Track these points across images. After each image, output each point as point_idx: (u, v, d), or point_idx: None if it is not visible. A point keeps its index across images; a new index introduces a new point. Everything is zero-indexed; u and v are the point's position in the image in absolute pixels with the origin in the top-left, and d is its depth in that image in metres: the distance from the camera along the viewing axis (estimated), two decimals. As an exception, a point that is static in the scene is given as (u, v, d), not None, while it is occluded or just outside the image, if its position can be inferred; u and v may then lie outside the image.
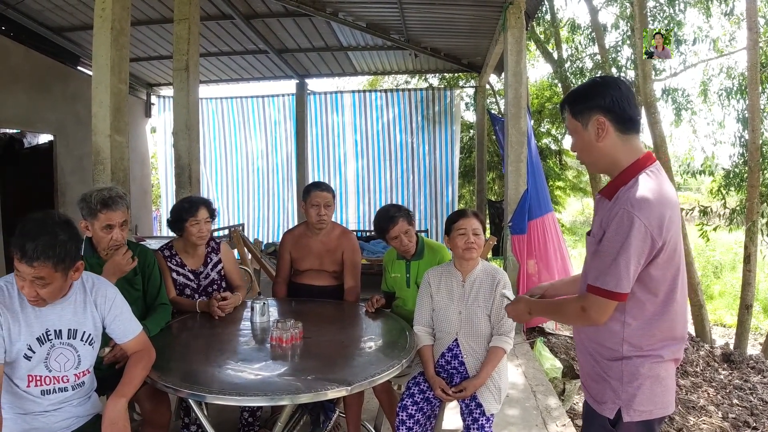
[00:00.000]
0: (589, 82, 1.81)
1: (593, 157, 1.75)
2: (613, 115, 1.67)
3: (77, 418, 2.04)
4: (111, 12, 4.01)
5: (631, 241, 1.55)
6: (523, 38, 5.61)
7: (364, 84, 16.12)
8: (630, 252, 1.55)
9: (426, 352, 2.65)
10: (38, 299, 1.87)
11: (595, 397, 1.77)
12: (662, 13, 8.96)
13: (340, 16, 7.37)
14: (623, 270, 1.56)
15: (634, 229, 1.54)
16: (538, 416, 3.58)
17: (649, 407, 1.68)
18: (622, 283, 1.57)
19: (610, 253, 1.59)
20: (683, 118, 9.52)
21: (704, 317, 7.65)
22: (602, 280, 1.60)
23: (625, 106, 1.67)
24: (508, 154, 5.61)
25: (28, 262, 1.78)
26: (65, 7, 7.05)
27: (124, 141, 4.20)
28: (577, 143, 1.77)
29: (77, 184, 8.24)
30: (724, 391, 5.52)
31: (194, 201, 3.14)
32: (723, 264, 12.49)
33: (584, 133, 1.72)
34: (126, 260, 2.58)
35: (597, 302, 1.62)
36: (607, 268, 1.59)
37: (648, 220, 1.55)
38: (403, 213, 3.11)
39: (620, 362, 1.69)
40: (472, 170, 11.84)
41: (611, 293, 1.59)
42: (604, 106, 1.67)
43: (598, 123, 1.68)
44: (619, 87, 1.68)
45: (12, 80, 7.16)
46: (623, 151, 1.69)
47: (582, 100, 1.73)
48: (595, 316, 1.64)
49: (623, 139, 1.69)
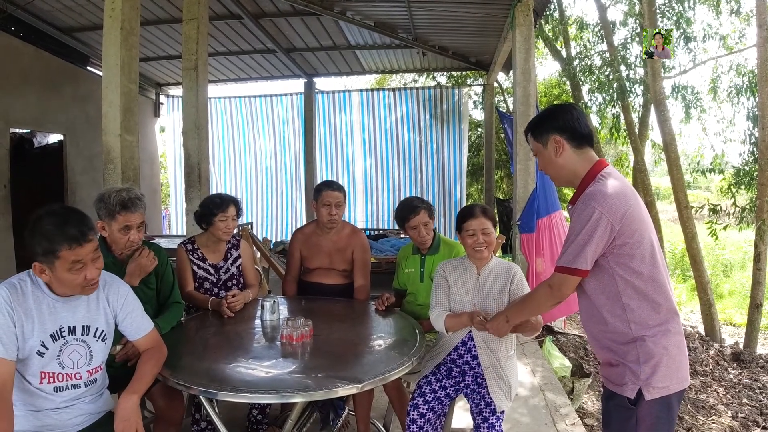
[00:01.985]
0: (546, 110, 2.12)
1: (555, 170, 2.03)
2: (567, 134, 1.96)
3: (89, 415, 2.06)
4: (121, 12, 4.04)
5: (590, 225, 1.80)
6: (531, 36, 5.60)
7: (372, 83, 16.12)
8: (587, 235, 1.80)
9: (449, 315, 2.59)
10: (98, 277, 1.97)
11: (615, 381, 1.90)
12: (671, 10, 8.89)
13: (348, 15, 7.39)
14: (580, 250, 1.82)
15: (593, 216, 1.79)
16: (547, 415, 3.58)
17: (666, 383, 1.82)
18: (579, 260, 1.83)
19: (570, 238, 1.87)
20: (693, 115, 9.44)
21: (714, 316, 7.60)
22: (563, 259, 1.88)
23: (576, 126, 1.96)
24: (517, 152, 5.60)
25: (85, 240, 1.85)
26: (74, 7, 7.11)
27: (134, 140, 4.24)
28: (541, 161, 2.07)
29: (87, 184, 8.31)
30: (733, 391, 5.49)
31: (225, 198, 3.21)
32: (733, 263, 12.41)
33: (545, 151, 2.02)
34: (149, 260, 2.61)
35: (560, 278, 1.91)
36: (568, 249, 1.86)
37: (604, 208, 1.79)
38: (426, 205, 3.17)
39: (634, 344, 1.84)
40: (480, 169, 11.83)
41: (571, 269, 1.86)
42: (559, 127, 1.97)
43: (555, 141, 1.98)
44: (570, 111, 1.99)
45: (22, 81, 7.22)
46: (579, 162, 1.97)
47: (540, 124, 2.04)
48: (559, 292, 1.93)
49: (578, 153, 1.97)
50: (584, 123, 1.98)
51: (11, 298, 1.87)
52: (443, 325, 2.59)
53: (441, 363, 2.66)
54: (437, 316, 2.63)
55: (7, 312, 1.85)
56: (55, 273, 1.86)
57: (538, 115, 2.11)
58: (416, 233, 3.14)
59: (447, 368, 2.64)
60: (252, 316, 3.00)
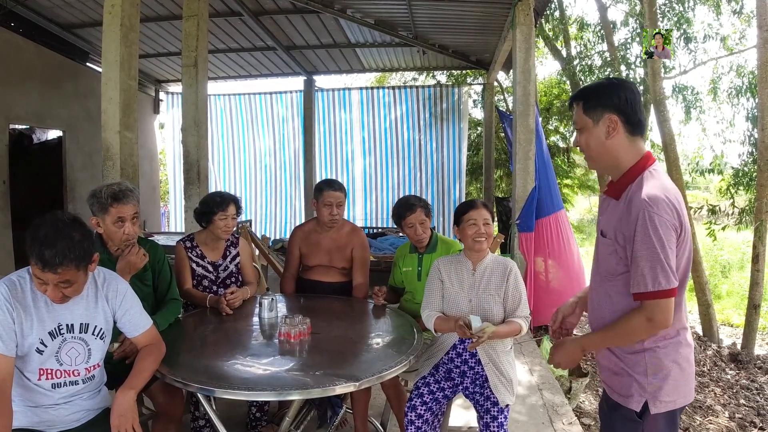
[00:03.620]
0: (605, 81, 1.84)
1: (598, 152, 1.79)
2: (624, 116, 1.72)
3: (87, 411, 2.07)
4: (120, 9, 4.04)
5: (663, 237, 1.60)
6: (532, 35, 5.60)
7: (372, 81, 16.11)
8: (666, 248, 1.60)
9: (440, 317, 2.59)
10: (64, 299, 1.91)
11: (619, 391, 1.79)
12: (672, 11, 8.90)
13: (348, 13, 7.39)
14: (667, 266, 1.60)
15: (661, 226, 1.60)
16: (545, 414, 3.59)
17: (674, 397, 1.72)
18: (671, 278, 1.61)
19: (648, 256, 1.61)
20: (692, 116, 9.47)
21: (712, 317, 7.61)
22: (656, 282, 1.61)
23: (637, 109, 1.73)
24: (516, 152, 5.60)
25: (52, 269, 1.79)
26: (75, 3, 7.10)
27: (133, 137, 4.23)
28: (583, 138, 1.81)
29: (86, 180, 8.30)
30: (731, 391, 5.51)
31: (225, 196, 3.21)
32: (731, 263, 12.40)
33: (594, 129, 1.76)
34: (139, 257, 2.60)
35: (659, 306, 1.63)
36: (655, 270, 1.61)
37: (667, 214, 1.61)
38: (423, 204, 3.20)
39: (642, 354, 1.72)
40: (479, 167, 11.82)
41: (668, 291, 1.62)
42: (618, 105, 1.72)
43: (610, 121, 1.73)
44: (632, 89, 1.75)
45: (23, 77, 7.22)
46: (628, 151, 1.75)
47: (596, 97, 1.76)
48: (662, 320, 1.64)
49: (630, 140, 1.75)
50: (642, 108, 1.77)
51: (10, 295, 1.88)
52: (433, 326, 2.60)
53: (439, 363, 2.64)
54: (428, 317, 2.63)
55: (7, 309, 1.86)
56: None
57: (595, 85, 1.84)
58: (413, 231, 3.15)
59: (446, 369, 2.62)
60: (250, 313, 3.00)
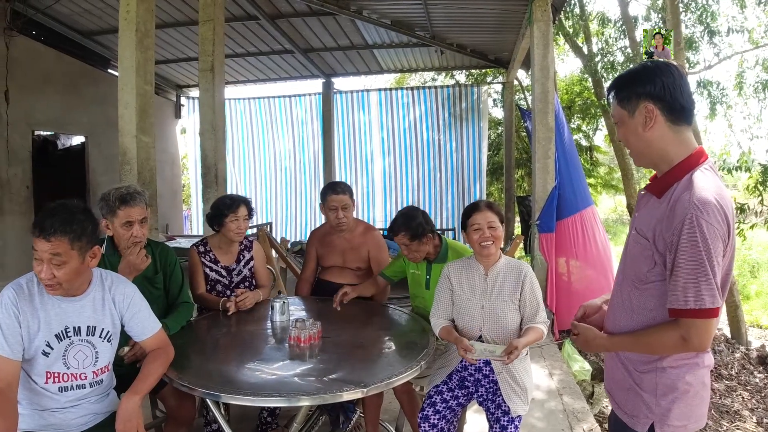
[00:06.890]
0: (638, 66, 1.65)
1: (639, 146, 1.61)
2: (663, 104, 1.53)
3: (95, 415, 2.06)
4: (135, 14, 4.06)
5: (711, 247, 1.40)
6: (549, 32, 5.51)
7: (391, 82, 16.11)
8: (713, 260, 1.41)
9: (445, 328, 2.52)
10: (54, 282, 1.87)
11: (625, 409, 1.66)
12: (695, 4, 8.71)
13: (364, 14, 7.37)
14: (713, 281, 1.41)
15: (710, 234, 1.40)
16: (565, 420, 3.50)
17: (684, 422, 1.56)
18: (717, 297, 1.41)
19: (693, 268, 1.41)
20: (718, 111, 9.23)
21: (740, 318, 7.40)
22: (699, 300, 1.41)
23: (677, 94, 1.52)
24: (536, 151, 5.52)
25: (46, 236, 1.80)
26: (94, 11, 7.21)
27: (150, 141, 4.25)
28: (622, 131, 1.64)
29: (108, 185, 8.24)
30: (759, 395, 5.33)
31: (235, 198, 3.21)
32: (760, 263, 12.06)
33: (630, 121, 1.58)
34: (140, 259, 2.59)
35: (698, 326, 1.43)
36: (699, 285, 1.41)
37: (718, 223, 1.42)
38: (407, 226, 2.89)
39: (654, 373, 1.57)
40: (500, 167, 11.72)
41: (711, 311, 1.41)
42: (654, 92, 1.53)
43: (646, 111, 1.54)
44: (671, 73, 1.54)
45: (44, 84, 7.34)
46: (673, 143, 1.55)
47: (629, 85, 1.59)
48: (700, 343, 1.45)
49: (674, 131, 1.55)
50: (687, 92, 1.54)
51: (17, 299, 1.88)
52: (438, 336, 2.55)
53: (453, 372, 2.56)
54: (434, 325, 2.58)
55: (13, 313, 1.86)
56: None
57: (628, 73, 1.65)
58: (404, 250, 3.00)
59: (459, 377, 2.55)
60: (263, 317, 2.97)
